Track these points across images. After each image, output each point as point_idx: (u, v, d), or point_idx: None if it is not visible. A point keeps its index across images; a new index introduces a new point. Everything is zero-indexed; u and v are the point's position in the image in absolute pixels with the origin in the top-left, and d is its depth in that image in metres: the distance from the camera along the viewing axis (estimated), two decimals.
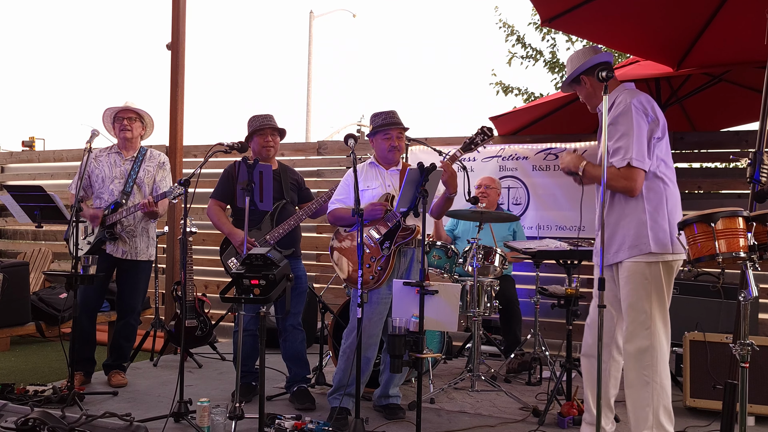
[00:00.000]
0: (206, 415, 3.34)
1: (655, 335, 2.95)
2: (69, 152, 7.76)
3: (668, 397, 2.97)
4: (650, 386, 2.93)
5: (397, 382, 3.81)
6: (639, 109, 2.91)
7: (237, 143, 3.67)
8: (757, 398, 3.69)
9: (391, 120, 3.76)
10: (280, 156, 4.79)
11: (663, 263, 2.95)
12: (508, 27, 10.07)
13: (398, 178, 3.79)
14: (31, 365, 5.18)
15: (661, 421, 2.95)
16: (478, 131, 3.69)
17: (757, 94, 4.97)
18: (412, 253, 3.70)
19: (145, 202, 4.16)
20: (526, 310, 5.33)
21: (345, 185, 3.85)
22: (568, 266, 4.23)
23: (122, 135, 4.39)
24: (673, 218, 2.95)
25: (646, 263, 2.95)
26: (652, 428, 2.93)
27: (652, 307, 2.96)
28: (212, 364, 5.17)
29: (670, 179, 3.02)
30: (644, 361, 2.95)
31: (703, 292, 4.59)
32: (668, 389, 2.97)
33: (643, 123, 2.91)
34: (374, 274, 3.60)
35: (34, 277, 6.71)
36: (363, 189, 3.77)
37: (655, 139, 2.95)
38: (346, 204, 3.76)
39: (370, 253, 3.63)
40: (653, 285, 2.95)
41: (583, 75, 3.15)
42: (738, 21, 4.26)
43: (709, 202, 5.25)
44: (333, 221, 3.85)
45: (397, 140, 3.77)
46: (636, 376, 2.97)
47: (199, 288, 6.60)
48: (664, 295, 2.98)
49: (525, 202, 5.85)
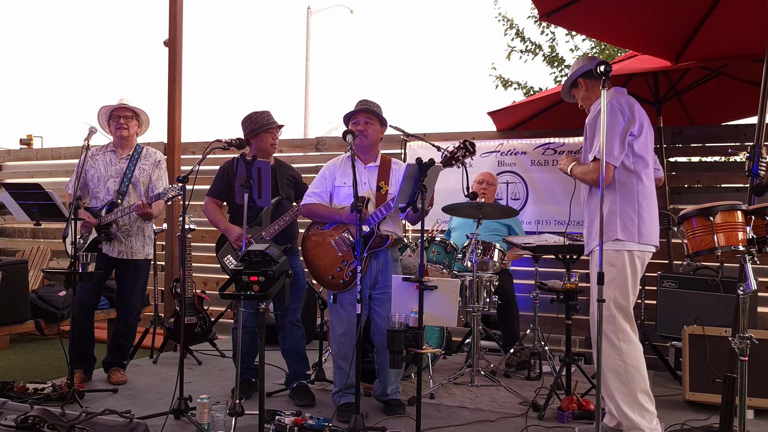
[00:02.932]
0: (206, 412, 3.35)
1: (616, 319, 3.07)
2: (67, 150, 7.75)
3: (645, 380, 3.06)
4: (624, 369, 3.03)
5: (394, 379, 3.77)
6: (616, 108, 3.11)
7: (235, 140, 3.66)
8: (757, 391, 3.69)
9: (357, 108, 3.73)
10: (278, 152, 4.78)
11: (627, 252, 3.08)
12: (507, 21, 10.07)
13: (376, 174, 3.73)
14: (31, 363, 5.18)
15: (642, 402, 3.03)
16: (459, 145, 3.50)
17: (755, 88, 4.97)
18: (385, 254, 3.68)
19: (139, 204, 4.15)
20: (525, 304, 5.34)
21: (322, 178, 3.80)
22: (566, 261, 4.24)
23: (119, 134, 4.38)
24: (644, 211, 3.12)
25: (613, 251, 3.08)
26: (633, 410, 3.01)
27: (614, 293, 3.07)
28: (212, 360, 5.18)
29: (645, 175, 3.17)
30: (613, 344, 3.06)
31: (702, 286, 4.59)
32: (643, 372, 3.06)
33: (617, 121, 3.09)
34: (345, 278, 3.61)
35: (33, 275, 6.71)
36: (339, 185, 3.73)
37: (630, 136, 3.12)
38: (322, 198, 3.74)
39: (342, 257, 3.63)
40: (617, 272, 3.08)
41: (580, 78, 3.35)
42: (736, 14, 4.25)
43: (708, 196, 5.25)
44: (307, 215, 3.81)
45: (363, 125, 3.71)
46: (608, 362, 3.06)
47: (199, 285, 6.60)
48: (627, 283, 3.09)
49: (524, 197, 5.85)
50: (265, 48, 48.26)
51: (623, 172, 3.12)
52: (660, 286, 4.72)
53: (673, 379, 4.62)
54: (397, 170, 3.78)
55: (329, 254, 3.67)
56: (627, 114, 3.12)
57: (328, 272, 3.66)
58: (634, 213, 3.09)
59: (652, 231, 3.16)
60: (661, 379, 4.69)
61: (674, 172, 5.56)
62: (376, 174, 3.74)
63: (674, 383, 4.53)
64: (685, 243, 2.85)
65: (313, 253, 3.73)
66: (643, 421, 3.00)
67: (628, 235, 3.07)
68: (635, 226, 3.08)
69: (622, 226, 3.07)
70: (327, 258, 3.67)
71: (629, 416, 3.00)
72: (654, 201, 3.20)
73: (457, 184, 4.20)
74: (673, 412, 3.78)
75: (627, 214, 3.09)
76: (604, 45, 9.48)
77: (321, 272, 3.69)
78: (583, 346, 5.52)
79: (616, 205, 3.10)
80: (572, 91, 3.46)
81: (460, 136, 6.17)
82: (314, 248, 3.73)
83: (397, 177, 3.74)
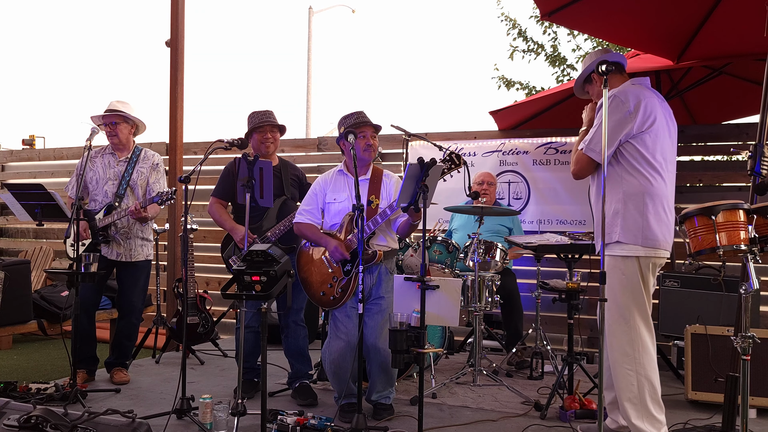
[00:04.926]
0: (209, 412, 3.35)
1: (634, 329, 2.99)
2: (69, 150, 7.76)
3: (656, 390, 3.00)
4: (635, 379, 2.97)
5: (381, 387, 3.66)
6: (620, 100, 3.00)
7: (237, 140, 3.67)
8: (759, 391, 3.68)
9: (363, 119, 3.69)
10: (280, 152, 4.78)
11: (635, 259, 2.98)
12: (510, 21, 10.06)
13: (367, 187, 3.69)
14: (34, 363, 5.19)
15: (651, 411, 2.98)
16: (446, 156, 3.39)
17: (757, 87, 4.96)
18: (378, 269, 3.65)
19: (132, 209, 4.13)
20: (528, 304, 5.34)
21: (313, 194, 3.76)
22: (569, 260, 4.24)
23: (110, 141, 4.38)
24: (649, 213, 2.98)
25: (621, 257, 3.00)
26: (642, 420, 2.97)
27: (630, 302, 2.99)
28: (214, 360, 5.18)
29: (659, 175, 3.03)
30: (627, 354, 2.99)
31: (705, 285, 4.59)
32: (655, 381, 3.00)
33: (613, 114, 2.97)
34: (335, 294, 3.60)
35: (35, 275, 6.72)
36: (329, 201, 3.71)
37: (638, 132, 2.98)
38: (314, 216, 3.72)
39: (333, 273, 3.62)
40: (629, 280, 2.99)
41: (594, 74, 3.24)
42: (738, 13, 4.25)
43: (710, 195, 5.24)
44: (298, 234, 3.81)
45: (371, 138, 3.68)
46: (620, 370, 3.01)
47: (201, 285, 6.61)
48: (641, 291, 3.01)
49: (525, 196, 5.84)
50: (267, 48, 48.29)
51: (629, 170, 3.01)
52: (662, 286, 4.72)
53: (675, 379, 4.61)
54: (388, 183, 3.74)
55: (320, 270, 3.68)
56: (630, 108, 2.97)
57: (319, 289, 3.67)
58: (640, 215, 2.97)
59: (660, 235, 3.00)
60: (664, 378, 4.64)
61: (676, 171, 5.54)
62: (367, 187, 3.70)
63: (677, 382, 4.52)
64: (687, 242, 2.84)
65: (306, 270, 3.75)
66: (653, 430, 2.95)
67: (630, 237, 2.97)
68: (639, 228, 2.96)
69: (624, 227, 2.98)
70: (318, 274, 3.68)
71: (637, 426, 2.95)
72: (667, 203, 3.06)
73: (458, 184, 4.21)
74: (676, 412, 3.78)
75: (631, 216, 2.98)
76: (606, 44, 9.46)
77: (313, 290, 3.71)
78: (586, 346, 5.51)
79: (620, 204, 3.00)
80: (586, 86, 3.34)
81: (462, 135, 6.18)
82: (306, 265, 3.75)
83: (388, 190, 3.72)
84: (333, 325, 3.65)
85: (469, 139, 6.10)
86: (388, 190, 3.72)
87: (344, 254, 3.52)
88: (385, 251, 3.63)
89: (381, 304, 3.60)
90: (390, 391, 3.72)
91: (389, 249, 3.69)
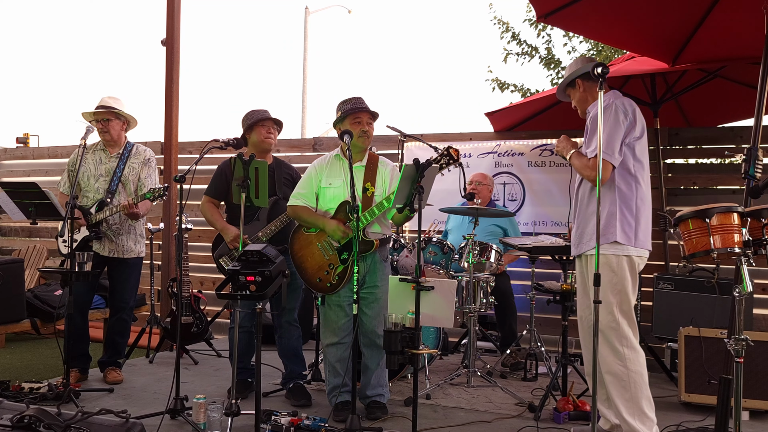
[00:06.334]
0: (202, 412, 3.34)
1: (621, 327, 3.06)
2: (64, 149, 7.73)
3: (647, 386, 3.05)
4: (627, 375, 3.02)
5: (376, 383, 3.67)
6: (620, 109, 3.10)
7: (232, 139, 3.66)
8: (752, 393, 3.70)
9: (360, 105, 3.69)
10: (275, 152, 4.78)
11: (626, 258, 3.07)
12: (503, 24, 10.06)
13: (362, 174, 3.69)
14: (27, 362, 5.17)
15: (644, 409, 3.02)
16: (443, 152, 3.36)
17: (752, 90, 4.96)
18: (372, 255, 3.67)
19: (125, 204, 4.12)
20: (522, 305, 5.34)
21: (308, 178, 3.76)
22: (563, 262, 4.24)
23: (102, 137, 4.37)
24: (641, 215, 3.11)
25: (613, 255, 3.06)
26: (634, 417, 3.01)
27: (619, 300, 3.06)
28: (208, 360, 5.17)
29: (644, 179, 3.16)
30: (617, 351, 3.05)
31: (698, 288, 4.60)
32: (645, 378, 3.06)
33: (619, 122, 3.08)
34: (332, 281, 3.61)
35: (29, 274, 6.70)
36: (325, 186, 3.71)
37: (633, 139, 3.11)
38: (308, 200, 3.72)
39: (329, 260, 3.63)
40: (618, 278, 3.06)
41: (578, 79, 3.32)
42: (733, 17, 4.26)
43: (704, 197, 5.26)
44: (293, 217, 3.81)
45: (367, 125, 3.67)
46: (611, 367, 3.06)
47: (195, 285, 6.59)
48: (628, 290, 3.08)
49: (521, 198, 5.85)
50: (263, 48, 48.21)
51: (624, 175, 3.10)
52: (656, 288, 4.73)
53: (668, 381, 4.63)
54: (384, 170, 3.75)
55: (316, 257, 3.68)
56: (630, 116, 3.11)
57: (315, 275, 3.68)
58: (632, 216, 3.08)
59: (648, 236, 3.16)
60: (657, 380, 4.69)
61: (671, 174, 5.56)
62: (363, 174, 3.70)
63: (670, 384, 4.54)
64: (682, 245, 2.87)
65: (301, 255, 3.74)
66: (643, 427, 2.99)
67: (626, 238, 3.06)
68: (632, 229, 3.07)
69: (620, 228, 3.06)
70: (314, 260, 3.68)
71: (629, 422, 2.99)
72: (650, 206, 3.20)
73: (454, 185, 4.21)
74: (669, 413, 3.79)
75: (625, 217, 3.08)
76: (601, 46, 9.49)
77: (309, 275, 3.71)
78: (579, 347, 5.51)
79: (615, 206, 3.08)
80: (568, 90, 3.44)
81: (458, 137, 6.18)
82: (302, 249, 3.74)
83: (384, 177, 3.73)
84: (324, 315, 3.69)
85: (464, 141, 6.10)
86: (384, 177, 3.72)
87: (347, 230, 3.53)
88: (381, 239, 3.65)
89: (375, 293, 3.63)
90: (384, 389, 3.73)
91: (384, 236, 3.71)
